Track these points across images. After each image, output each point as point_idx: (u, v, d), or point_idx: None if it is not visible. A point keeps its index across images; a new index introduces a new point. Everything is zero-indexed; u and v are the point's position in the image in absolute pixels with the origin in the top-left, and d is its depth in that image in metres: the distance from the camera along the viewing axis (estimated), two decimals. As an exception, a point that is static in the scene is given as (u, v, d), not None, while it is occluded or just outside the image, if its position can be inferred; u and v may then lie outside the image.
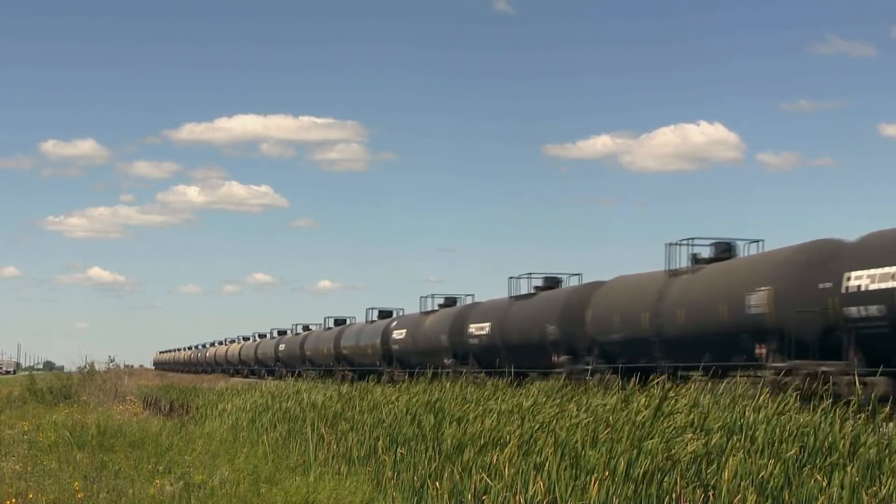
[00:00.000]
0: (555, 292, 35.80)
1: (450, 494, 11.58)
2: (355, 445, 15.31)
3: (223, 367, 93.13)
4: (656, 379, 15.73)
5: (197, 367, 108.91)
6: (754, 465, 10.38)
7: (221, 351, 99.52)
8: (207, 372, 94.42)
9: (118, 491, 12.81)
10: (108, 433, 19.24)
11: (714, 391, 15.80)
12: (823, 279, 21.46)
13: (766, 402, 13.54)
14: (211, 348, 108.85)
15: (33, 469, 14.83)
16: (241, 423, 21.20)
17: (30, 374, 44.88)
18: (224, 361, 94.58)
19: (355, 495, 12.54)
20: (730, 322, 24.36)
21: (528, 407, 15.19)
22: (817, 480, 10.12)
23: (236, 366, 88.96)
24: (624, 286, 30.94)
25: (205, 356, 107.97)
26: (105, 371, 39.24)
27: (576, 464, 11.17)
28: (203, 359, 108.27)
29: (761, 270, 24.32)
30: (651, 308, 27.91)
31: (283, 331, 78.74)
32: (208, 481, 13.38)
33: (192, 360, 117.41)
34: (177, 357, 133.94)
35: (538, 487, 10.74)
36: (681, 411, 12.96)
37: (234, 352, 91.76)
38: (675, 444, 11.31)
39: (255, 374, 79.05)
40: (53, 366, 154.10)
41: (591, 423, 12.67)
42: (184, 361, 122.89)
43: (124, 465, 15.25)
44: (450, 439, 13.36)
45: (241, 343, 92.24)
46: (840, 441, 11.09)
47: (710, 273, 26.98)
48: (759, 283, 23.66)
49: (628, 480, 10.54)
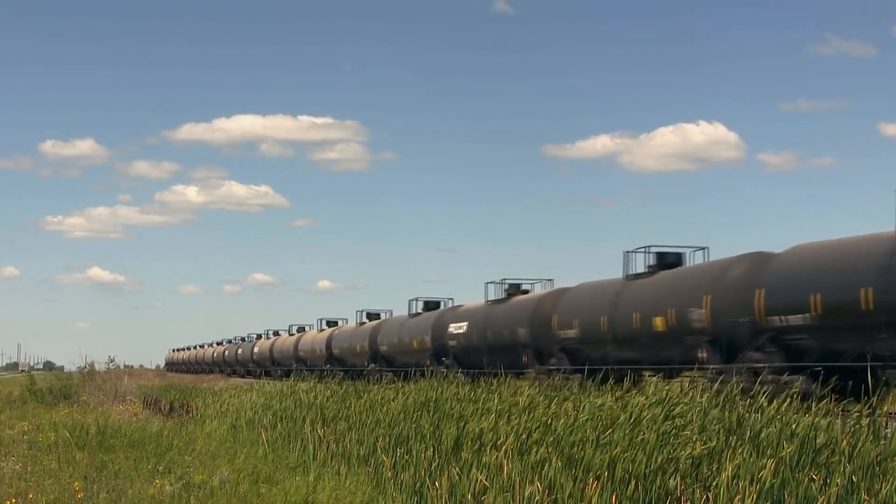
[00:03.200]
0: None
1: (449, 494, 11.61)
2: (355, 445, 15.34)
3: (248, 367, 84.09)
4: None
5: (213, 367, 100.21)
6: (755, 466, 10.40)
7: (247, 348, 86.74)
8: (226, 373, 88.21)
9: (118, 491, 12.82)
10: (108, 433, 19.25)
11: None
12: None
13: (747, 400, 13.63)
14: (230, 346, 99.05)
15: (33, 469, 14.84)
16: (241, 422, 21.23)
17: (30, 374, 44.91)
18: (250, 360, 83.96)
19: (355, 495, 12.56)
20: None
21: (524, 406, 15.21)
22: (815, 480, 10.14)
23: (265, 365, 77.81)
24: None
25: (234, 354, 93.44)
26: (105, 371, 39.26)
27: (575, 464, 11.19)
28: (230, 357, 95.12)
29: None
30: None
31: (302, 327, 74.09)
32: (208, 481, 13.40)
33: (209, 358, 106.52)
34: (200, 356, 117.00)
35: (536, 487, 10.77)
36: (682, 416, 12.97)
37: (267, 348, 78.39)
38: (675, 444, 11.34)
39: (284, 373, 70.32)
40: (53, 366, 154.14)
41: (589, 422, 12.70)
42: (208, 361, 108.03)
43: (124, 465, 15.26)
44: (449, 439, 13.39)
45: (274, 338, 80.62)
46: (840, 441, 11.11)
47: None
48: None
49: (628, 480, 10.56)
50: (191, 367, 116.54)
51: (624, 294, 30.11)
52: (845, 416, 12.37)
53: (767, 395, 13.65)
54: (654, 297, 28.43)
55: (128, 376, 41.46)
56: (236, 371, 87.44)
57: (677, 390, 15.14)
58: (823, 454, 10.87)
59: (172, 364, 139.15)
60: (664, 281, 28.80)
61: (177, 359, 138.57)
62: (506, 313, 37.79)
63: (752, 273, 24.55)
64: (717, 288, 25.68)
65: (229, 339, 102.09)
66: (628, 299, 29.69)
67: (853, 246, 22.15)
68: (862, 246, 21.85)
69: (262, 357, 79.29)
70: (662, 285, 28.60)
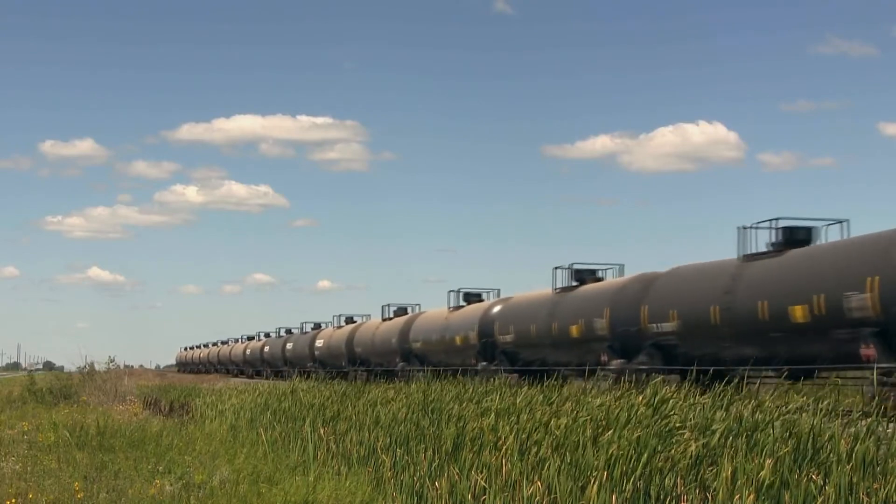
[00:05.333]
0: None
1: (449, 494, 11.62)
2: (355, 445, 15.35)
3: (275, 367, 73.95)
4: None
5: (234, 367, 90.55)
6: (753, 465, 10.41)
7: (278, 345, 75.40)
8: (247, 374, 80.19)
9: (118, 491, 12.84)
10: (107, 433, 19.27)
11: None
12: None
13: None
14: (252, 342, 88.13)
15: (33, 469, 14.85)
16: (241, 423, 21.24)
17: (30, 374, 44.91)
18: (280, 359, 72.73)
19: (355, 495, 12.58)
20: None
21: (523, 406, 15.21)
22: (815, 480, 10.14)
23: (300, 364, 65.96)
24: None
25: (259, 352, 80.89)
26: (105, 371, 39.28)
27: (575, 464, 11.20)
28: (254, 356, 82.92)
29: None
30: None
31: (318, 324, 68.63)
32: (208, 481, 13.41)
33: (239, 356, 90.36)
34: (224, 353, 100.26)
35: (536, 487, 10.78)
36: (675, 413, 12.98)
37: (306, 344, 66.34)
38: (673, 444, 11.34)
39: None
40: (53, 366, 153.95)
41: (588, 422, 12.69)
42: (236, 359, 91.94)
43: (124, 465, 15.27)
44: (449, 439, 13.39)
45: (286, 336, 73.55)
46: (838, 441, 11.11)
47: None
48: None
49: (627, 480, 10.56)
50: (209, 367, 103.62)
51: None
52: (844, 416, 12.37)
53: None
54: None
55: (128, 376, 41.52)
56: (260, 372, 78.41)
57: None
58: (821, 454, 10.87)
59: (185, 364, 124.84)
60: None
61: (189, 358, 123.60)
62: (577, 303, 33.10)
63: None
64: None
65: (251, 336, 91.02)
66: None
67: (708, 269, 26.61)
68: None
69: (273, 357, 74.54)
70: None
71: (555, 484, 10.81)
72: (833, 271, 22.40)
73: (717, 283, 25.94)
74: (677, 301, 27.44)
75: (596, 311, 31.10)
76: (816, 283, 22.59)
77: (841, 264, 22.47)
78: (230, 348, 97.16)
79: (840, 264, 22.50)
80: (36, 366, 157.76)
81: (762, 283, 24.51)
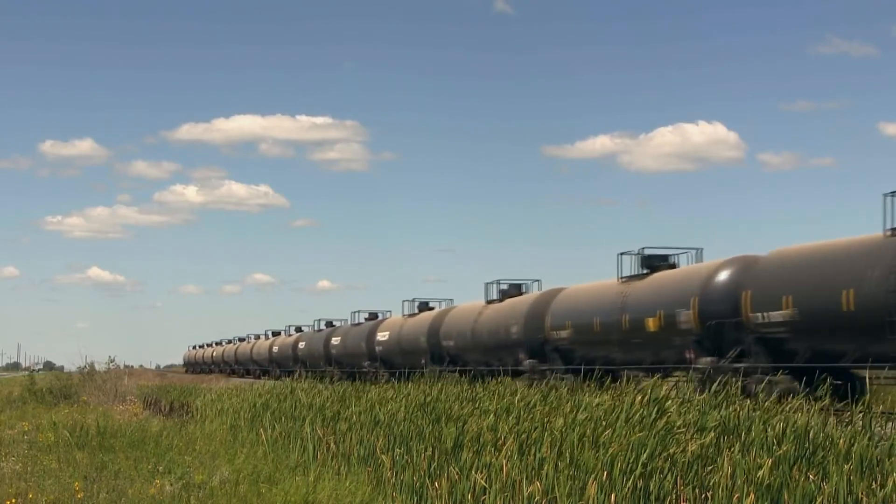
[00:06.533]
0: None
1: (449, 494, 11.62)
2: (354, 445, 15.35)
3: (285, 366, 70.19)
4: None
5: (254, 366, 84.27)
6: (752, 465, 10.42)
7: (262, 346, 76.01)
8: (274, 375, 69.45)
9: (118, 491, 12.85)
10: (107, 433, 19.27)
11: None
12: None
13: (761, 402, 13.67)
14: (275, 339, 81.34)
15: (33, 469, 14.86)
16: (241, 423, 21.24)
17: (30, 374, 44.92)
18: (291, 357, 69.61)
19: (355, 495, 12.58)
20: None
21: (522, 405, 15.21)
22: (814, 480, 10.15)
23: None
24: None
25: (288, 350, 72.69)
26: (105, 371, 39.30)
27: (574, 463, 11.20)
28: (277, 354, 75.90)
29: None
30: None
31: (330, 322, 66.14)
32: (208, 481, 13.42)
33: (262, 354, 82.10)
34: (242, 350, 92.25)
35: (536, 487, 10.78)
36: (671, 411, 12.98)
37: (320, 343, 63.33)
38: (671, 444, 11.35)
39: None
40: (53, 366, 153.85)
41: (587, 422, 12.70)
42: (260, 358, 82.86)
43: (124, 465, 15.28)
44: (449, 439, 13.40)
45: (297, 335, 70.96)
46: (838, 440, 11.12)
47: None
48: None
49: (627, 480, 10.57)
50: (222, 367, 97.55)
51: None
52: (839, 415, 12.38)
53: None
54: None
55: (128, 376, 41.50)
56: (268, 371, 74.39)
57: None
58: (820, 454, 10.88)
59: (194, 364, 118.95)
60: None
61: (197, 357, 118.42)
62: (654, 292, 29.62)
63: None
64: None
65: (276, 331, 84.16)
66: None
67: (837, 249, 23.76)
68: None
69: (283, 356, 71.68)
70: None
71: (554, 484, 10.82)
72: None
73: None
74: (792, 286, 23.85)
75: (680, 301, 27.59)
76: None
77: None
78: (251, 345, 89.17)
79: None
80: (36, 366, 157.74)
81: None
